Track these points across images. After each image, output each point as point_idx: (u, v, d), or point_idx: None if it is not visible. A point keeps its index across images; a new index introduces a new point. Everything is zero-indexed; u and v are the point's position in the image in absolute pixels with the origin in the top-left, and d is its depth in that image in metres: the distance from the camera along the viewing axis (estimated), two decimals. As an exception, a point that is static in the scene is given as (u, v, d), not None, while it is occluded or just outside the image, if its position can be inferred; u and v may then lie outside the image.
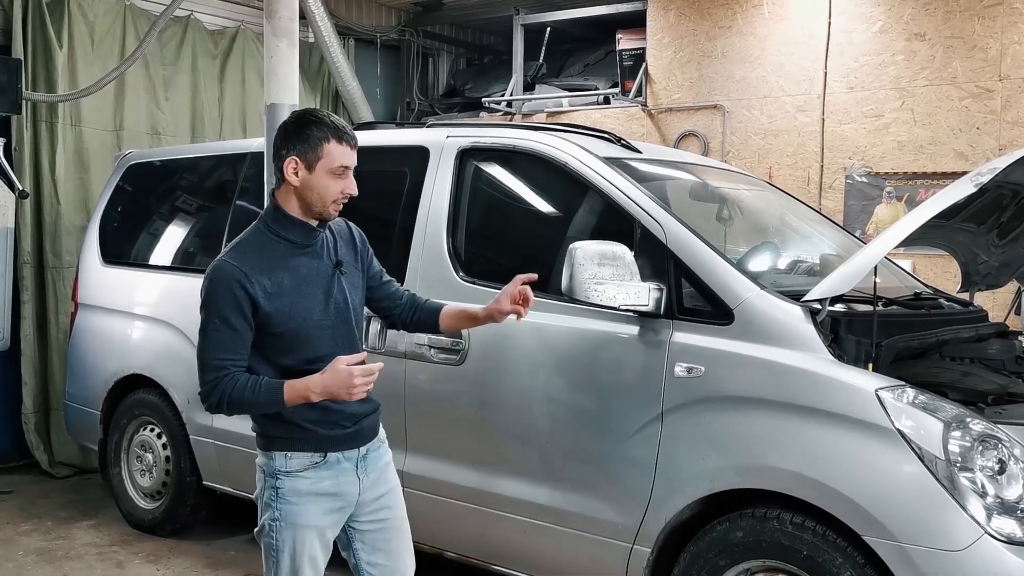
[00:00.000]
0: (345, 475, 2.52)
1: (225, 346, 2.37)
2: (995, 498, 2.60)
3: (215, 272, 2.40)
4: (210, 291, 2.39)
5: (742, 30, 6.55)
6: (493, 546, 3.54)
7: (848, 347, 2.93)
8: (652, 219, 3.22)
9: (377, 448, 2.63)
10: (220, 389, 2.37)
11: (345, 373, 2.33)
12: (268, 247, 2.44)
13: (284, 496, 2.47)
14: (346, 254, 2.57)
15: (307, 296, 2.44)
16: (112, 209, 5.33)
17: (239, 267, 2.37)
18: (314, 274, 2.47)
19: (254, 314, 2.37)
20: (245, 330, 2.38)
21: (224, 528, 4.91)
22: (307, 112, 2.49)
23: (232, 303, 2.35)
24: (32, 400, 5.89)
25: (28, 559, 4.52)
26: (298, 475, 2.47)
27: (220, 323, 2.36)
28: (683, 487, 3.02)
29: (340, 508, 2.54)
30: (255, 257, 2.41)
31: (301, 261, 2.46)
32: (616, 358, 3.21)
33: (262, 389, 2.36)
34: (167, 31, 6.50)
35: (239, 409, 2.42)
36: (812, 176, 6.28)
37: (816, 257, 3.95)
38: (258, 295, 2.37)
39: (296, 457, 2.47)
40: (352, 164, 2.46)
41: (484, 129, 3.94)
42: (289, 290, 2.41)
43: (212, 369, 2.38)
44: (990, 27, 5.68)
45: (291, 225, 2.46)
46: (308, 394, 2.36)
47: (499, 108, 7.73)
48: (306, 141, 2.40)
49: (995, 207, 3.58)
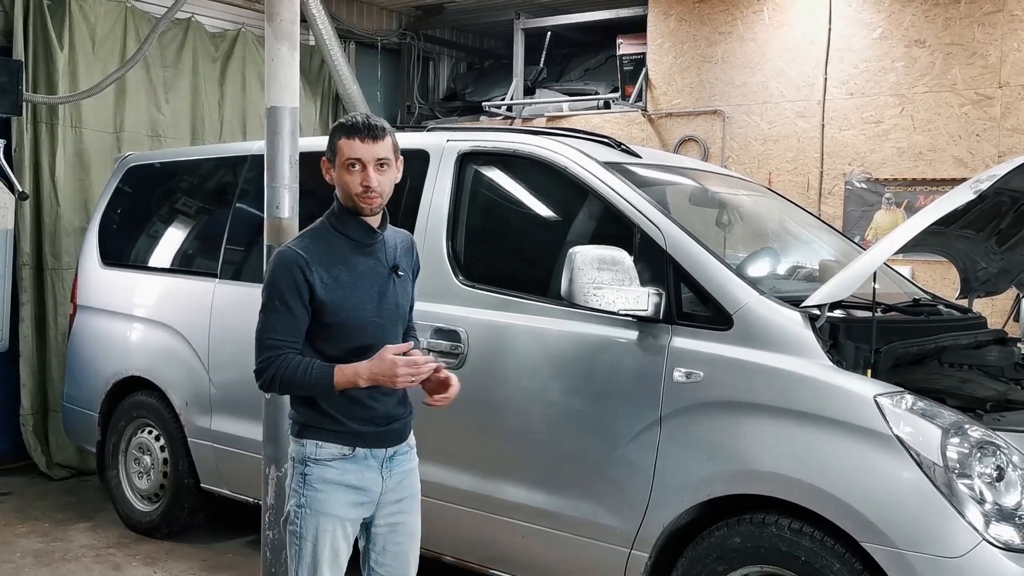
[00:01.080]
0: (370, 471, 2.60)
1: (282, 327, 2.50)
2: (993, 505, 2.60)
3: (279, 256, 2.54)
4: (273, 274, 2.53)
5: (742, 36, 6.56)
6: (491, 550, 3.54)
7: (847, 353, 2.93)
8: (652, 224, 3.22)
9: (405, 452, 2.71)
10: (274, 368, 2.49)
11: (390, 362, 2.44)
12: (330, 242, 2.57)
13: (311, 483, 2.56)
14: (403, 261, 2.70)
15: (362, 291, 2.56)
16: (112, 211, 5.33)
17: (302, 254, 2.51)
18: (371, 272, 2.59)
19: (311, 301, 2.49)
20: (302, 314, 2.50)
21: (222, 531, 4.90)
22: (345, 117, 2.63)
23: (292, 287, 2.48)
24: (30, 401, 5.88)
25: (25, 561, 4.52)
26: (326, 464, 2.56)
27: (280, 305, 2.49)
28: (681, 492, 3.01)
29: (362, 503, 2.61)
30: (317, 248, 2.54)
31: (360, 259, 2.58)
32: (615, 363, 3.21)
33: (314, 371, 2.48)
34: (168, 33, 6.50)
35: (289, 388, 2.54)
36: (812, 182, 6.28)
37: (815, 263, 3.95)
38: (316, 283, 2.49)
39: (326, 447, 2.57)
40: (364, 157, 2.51)
41: (484, 133, 3.95)
42: (345, 284, 2.54)
43: (268, 348, 2.51)
44: (990, 34, 5.69)
45: (350, 222, 2.58)
46: (356, 379, 2.47)
47: (499, 112, 7.73)
48: (330, 143, 2.56)
49: (994, 214, 3.58)
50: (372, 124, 2.52)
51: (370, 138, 2.51)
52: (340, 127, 2.54)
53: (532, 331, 3.41)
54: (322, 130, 7.60)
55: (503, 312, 3.49)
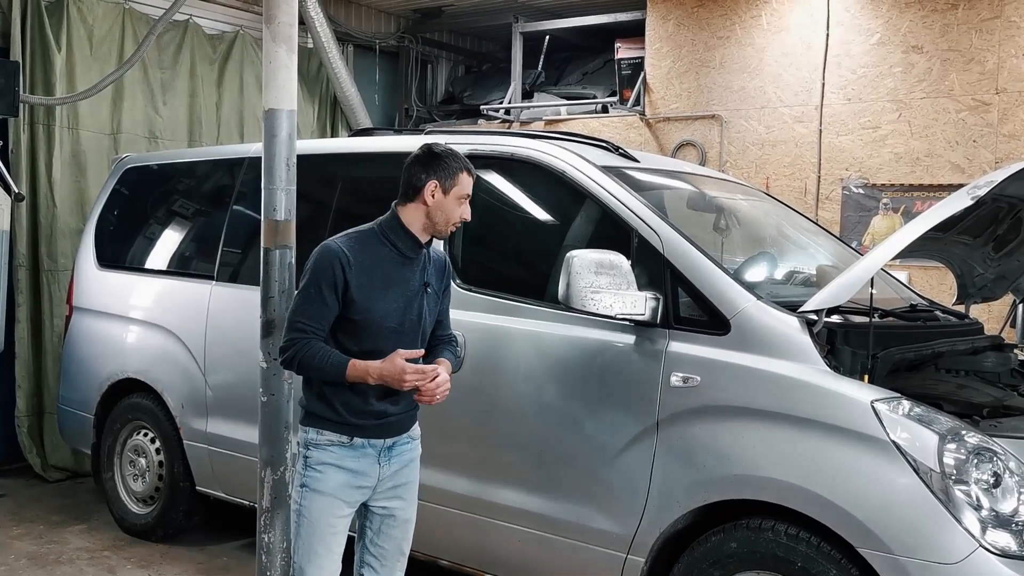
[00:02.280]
0: (367, 459, 2.79)
1: (312, 313, 2.69)
2: (990, 511, 2.60)
3: (324, 248, 2.73)
4: (316, 263, 2.71)
5: (740, 41, 6.57)
6: (487, 554, 3.53)
7: (844, 358, 2.93)
8: (649, 228, 3.22)
9: (406, 443, 2.89)
10: (297, 348, 2.69)
11: (400, 367, 2.64)
12: (375, 247, 2.76)
13: (311, 465, 2.78)
14: (434, 279, 2.88)
15: (391, 299, 2.74)
16: (108, 212, 5.32)
17: (346, 252, 2.70)
18: (404, 283, 2.78)
19: (344, 295, 2.68)
20: (334, 305, 2.69)
21: (217, 534, 4.89)
22: (438, 145, 2.84)
23: (329, 278, 2.67)
24: (26, 403, 5.86)
25: (19, 563, 4.50)
26: (325, 448, 2.77)
27: (315, 292, 2.68)
28: (678, 497, 3.01)
29: (359, 486, 2.80)
30: (360, 250, 2.73)
31: (397, 269, 2.77)
32: (612, 367, 3.21)
33: (331, 360, 2.67)
34: (166, 35, 6.49)
35: (307, 371, 2.73)
36: (809, 187, 6.29)
37: (812, 268, 3.95)
38: (352, 281, 2.68)
39: (325, 434, 2.78)
40: (471, 193, 2.82)
41: (482, 136, 3.94)
42: (378, 288, 2.72)
43: (296, 330, 2.71)
44: (987, 40, 5.70)
45: (405, 236, 2.77)
46: (367, 376, 2.66)
47: (497, 116, 7.73)
48: (446, 169, 2.77)
49: (991, 220, 3.59)
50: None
51: (474, 177, 2.83)
52: (464, 163, 2.79)
53: (529, 335, 3.40)
54: (320, 133, 7.60)
55: (500, 316, 3.49)
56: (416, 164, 2.80)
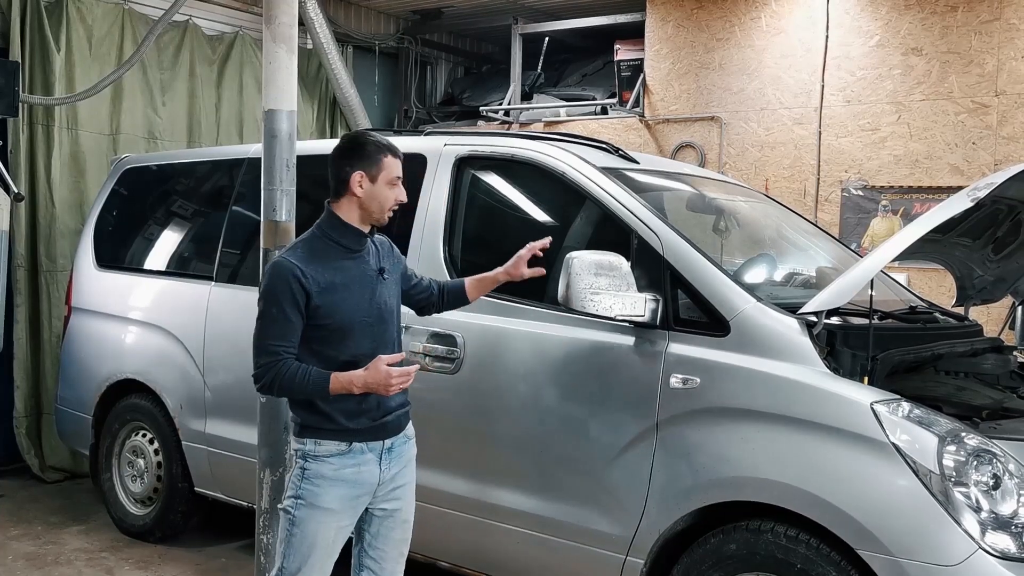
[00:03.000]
0: (367, 465, 2.75)
1: (279, 333, 2.64)
2: (989, 513, 2.60)
3: (275, 267, 2.68)
4: (269, 284, 2.67)
5: (740, 42, 6.57)
6: (486, 556, 3.52)
7: (844, 360, 2.93)
8: (649, 230, 3.22)
9: (404, 443, 2.88)
10: (273, 373, 2.64)
11: (384, 372, 2.62)
12: (322, 249, 2.73)
13: (309, 478, 2.72)
14: (387, 263, 2.87)
15: (354, 294, 2.72)
16: (107, 213, 5.31)
17: (297, 264, 2.65)
18: (361, 276, 2.76)
19: (306, 306, 2.65)
20: (298, 320, 2.65)
21: (215, 535, 4.88)
22: (359, 133, 2.85)
23: (288, 295, 2.63)
24: (24, 404, 5.86)
25: (17, 564, 4.49)
26: (324, 460, 2.72)
27: (276, 312, 2.64)
28: (677, 499, 3.01)
29: (358, 496, 2.76)
30: (310, 257, 2.69)
31: (350, 264, 2.74)
32: (611, 368, 3.20)
33: (311, 378, 2.63)
34: (165, 36, 6.49)
35: (287, 392, 2.70)
36: (808, 189, 6.29)
37: (812, 270, 3.95)
38: (312, 289, 2.64)
39: (324, 444, 2.72)
40: (401, 175, 2.77)
41: (481, 137, 3.94)
42: (339, 287, 2.69)
43: (267, 354, 2.65)
44: (987, 43, 5.70)
45: (346, 231, 2.75)
46: (351, 387, 2.63)
47: (497, 117, 7.73)
48: (369, 157, 2.73)
49: (990, 222, 3.59)
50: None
51: (401, 157, 2.78)
52: (386, 146, 2.74)
53: (529, 336, 3.40)
54: (319, 134, 7.59)
55: (500, 317, 3.49)
56: (339, 158, 2.76)
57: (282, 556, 2.75)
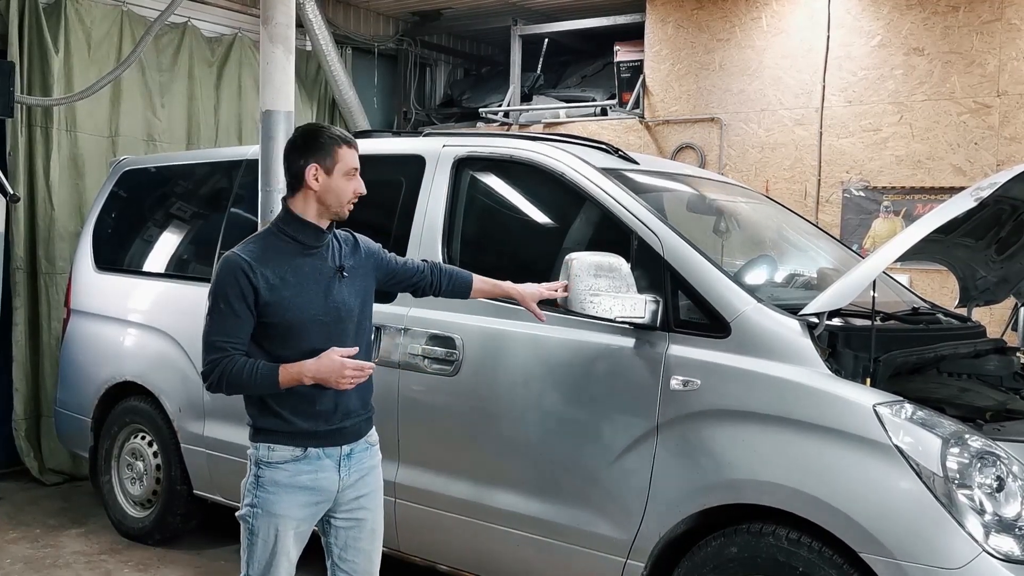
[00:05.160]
0: (324, 471, 2.67)
1: (227, 330, 2.56)
2: (993, 516, 2.57)
3: (224, 262, 2.60)
4: (218, 279, 2.59)
5: (740, 43, 6.56)
6: (486, 559, 3.50)
7: (846, 362, 2.90)
8: (649, 231, 3.20)
9: (365, 450, 2.77)
10: (220, 369, 2.55)
11: (338, 363, 2.53)
12: (276, 245, 2.64)
13: (263, 485, 2.64)
14: (350, 261, 2.75)
15: (307, 291, 2.62)
16: (106, 215, 5.30)
17: (246, 259, 2.58)
18: (316, 273, 2.65)
19: (256, 303, 2.56)
20: (247, 317, 2.57)
21: (214, 538, 4.86)
22: (311, 125, 2.74)
23: (236, 291, 2.55)
24: (23, 406, 5.84)
25: (15, 567, 4.47)
26: (278, 467, 2.64)
27: (224, 308, 2.56)
28: (678, 501, 2.99)
29: (316, 503, 2.68)
30: (262, 253, 2.61)
31: (305, 261, 2.65)
32: (611, 370, 3.18)
33: (259, 371, 2.54)
34: (164, 37, 6.48)
35: (236, 389, 2.59)
36: (809, 190, 6.27)
37: (813, 271, 3.93)
38: (260, 285, 2.56)
39: (278, 450, 2.64)
40: (358, 167, 2.68)
41: (480, 138, 3.92)
42: (291, 284, 2.60)
43: (214, 350, 2.57)
44: (988, 43, 5.68)
45: (302, 227, 2.65)
46: (301, 377, 2.54)
47: (496, 119, 7.72)
48: (322, 149, 2.63)
49: (993, 222, 3.57)
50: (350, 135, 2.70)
51: (357, 148, 2.68)
52: (340, 137, 2.65)
53: (528, 338, 3.38)
54: (319, 135, 7.56)
55: (499, 319, 3.47)
56: (293, 151, 2.66)
57: (245, 564, 2.69)
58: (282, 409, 2.62)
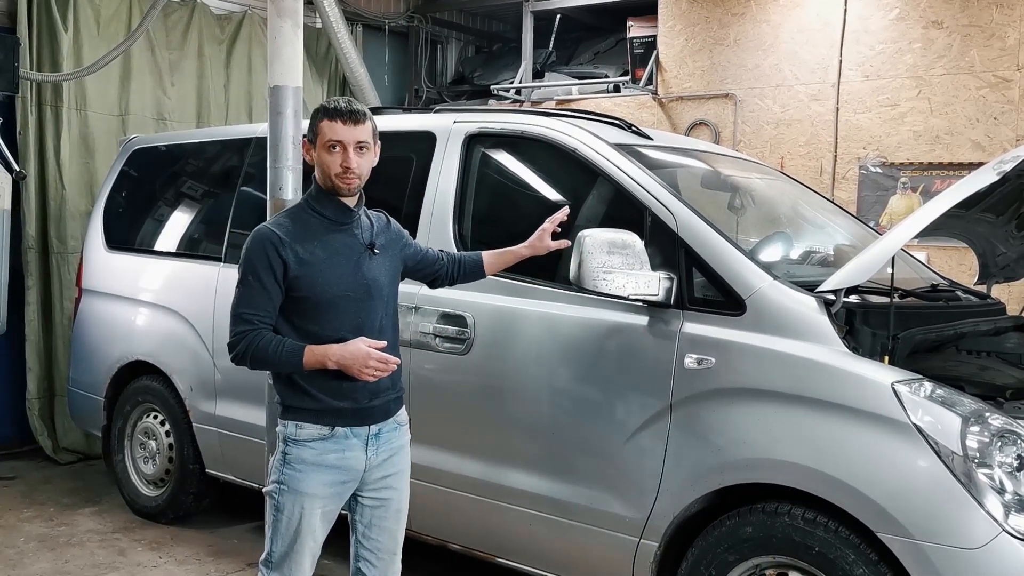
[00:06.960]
0: (352, 450, 2.66)
1: (255, 303, 2.57)
2: (1013, 495, 2.53)
3: (255, 235, 2.61)
4: (248, 251, 2.60)
5: (755, 17, 6.46)
6: (498, 538, 3.49)
7: (863, 339, 2.86)
8: (663, 207, 3.15)
9: (393, 429, 2.76)
10: (247, 342, 2.57)
11: (363, 353, 2.53)
12: (306, 220, 2.64)
13: (290, 462, 2.64)
14: (381, 239, 2.75)
15: (336, 267, 2.61)
16: (116, 194, 5.29)
17: (277, 232, 2.58)
18: (346, 249, 2.65)
19: (284, 277, 2.56)
20: (275, 291, 2.57)
21: (227, 516, 4.87)
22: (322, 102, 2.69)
23: (266, 264, 2.55)
24: (36, 386, 5.87)
25: (29, 546, 4.49)
26: (305, 445, 2.63)
27: (254, 280, 2.57)
28: (692, 481, 2.95)
29: (343, 482, 2.68)
30: (292, 227, 2.61)
31: (335, 236, 2.64)
32: (625, 349, 3.15)
33: (284, 349, 2.55)
34: (173, 15, 6.45)
35: (260, 364, 2.60)
36: (825, 166, 6.19)
37: (830, 248, 3.87)
38: (290, 259, 2.56)
39: (305, 428, 2.64)
40: (345, 139, 2.58)
41: (491, 115, 3.87)
42: (320, 259, 2.60)
43: (242, 322, 2.58)
44: (1008, 16, 5.57)
45: (327, 202, 2.65)
46: (325, 360, 2.53)
47: (508, 96, 7.65)
48: (311, 125, 2.63)
49: (1015, 197, 3.50)
50: (353, 108, 2.60)
51: (351, 121, 2.58)
52: (323, 110, 2.60)
53: (540, 316, 3.35)
54: (329, 114, 7.52)
55: (511, 297, 3.43)
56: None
57: (269, 541, 2.70)
58: (310, 387, 2.62)
